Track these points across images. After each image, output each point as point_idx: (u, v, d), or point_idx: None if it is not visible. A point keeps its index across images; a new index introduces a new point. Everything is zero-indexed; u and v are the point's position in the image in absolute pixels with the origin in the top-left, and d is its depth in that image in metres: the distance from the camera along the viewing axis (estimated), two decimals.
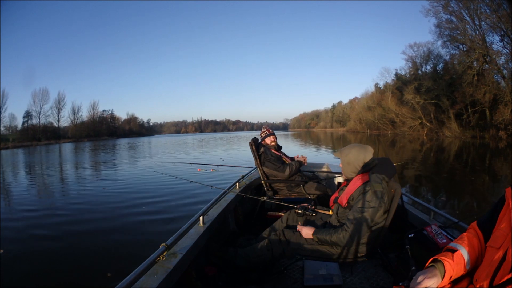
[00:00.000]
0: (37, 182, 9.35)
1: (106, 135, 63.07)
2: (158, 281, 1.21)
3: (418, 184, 7.16)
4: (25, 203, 6.18)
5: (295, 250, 1.72)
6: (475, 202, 5.56)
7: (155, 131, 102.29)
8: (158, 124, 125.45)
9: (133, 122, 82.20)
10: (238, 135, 57.55)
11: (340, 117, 76.79)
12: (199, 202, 5.10)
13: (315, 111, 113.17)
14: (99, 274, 2.85)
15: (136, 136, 72.99)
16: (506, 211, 0.94)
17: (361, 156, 1.77)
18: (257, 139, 3.17)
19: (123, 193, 6.50)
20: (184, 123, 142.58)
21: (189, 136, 77.37)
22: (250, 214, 2.90)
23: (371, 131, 44.70)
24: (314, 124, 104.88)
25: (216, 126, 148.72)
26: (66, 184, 8.50)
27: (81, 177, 9.56)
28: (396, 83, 40.00)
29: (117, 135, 67.68)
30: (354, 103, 64.10)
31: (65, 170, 11.52)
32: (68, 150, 27.03)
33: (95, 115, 64.39)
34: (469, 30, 24.62)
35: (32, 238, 3.92)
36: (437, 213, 1.98)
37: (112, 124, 70.45)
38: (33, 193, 7.42)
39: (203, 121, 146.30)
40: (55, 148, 31.78)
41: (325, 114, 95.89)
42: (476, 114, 25.42)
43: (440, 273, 0.94)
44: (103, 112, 68.04)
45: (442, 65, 31.12)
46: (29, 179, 10.05)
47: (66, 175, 10.37)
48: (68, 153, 22.43)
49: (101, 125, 64.88)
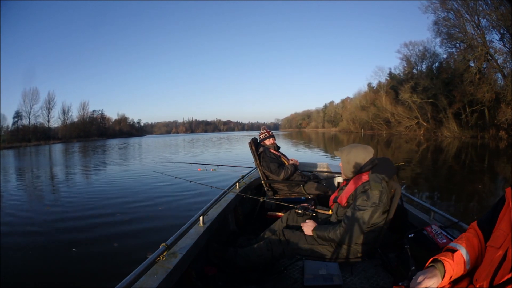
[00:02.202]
0: (37, 182, 9.36)
1: (96, 136, 61.84)
2: (158, 281, 1.21)
3: (418, 184, 7.16)
4: (25, 203, 6.19)
5: (295, 250, 1.72)
6: (475, 202, 5.56)
7: (146, 132, 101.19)
8: (149, 124, 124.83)
9: (123, 122, 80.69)
10: (229, 136, 56.58)
11: (332, 117, 75.84)
12: (199, 202, 5.10)
13: (306, 111, 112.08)
14: (99, 274, 2.85)
15: (126, 136, 71.56)
16: (506, 211, 0.94)
17: (361, 156, 1.77)
18: (256, 139, 3.18)
19: (123, 193, 6.49)
20: (175, 123, 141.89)
21: (180, 136, 76.63)
22: (250, 214, 2.90)
23: (365, 131, 43.93)
24: (306, 124, 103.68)
25: (207, 127, 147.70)
26: (65, 184, 8.49)
27: (80, 178, 9.56)
28: (389, 82, 39.52)
29: (107, 135, 66.47)
30: (346, 103, 63.11)
31: (62, 172, 11.48)
32: (59, 151, 26.39)
33: (85, 115, 63.28)
34: (468, 28, 24.39)
35: (31, 238, 3.91)
36: (437, 213, 1.98)
37: (102, 124, 69.21)
38: (32, 194, 7.42)
39: (194, 121, 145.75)
40: (45, 149, 31.07)
41: (316, 114, 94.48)
42: (475, 114, 25.10)
43: (440, 273, 0.94)
44: (93, 112, 66.95)
45: (438, 64, 30.94)
46: (29, 180, 10.04)
47: (64, 176, 10.36)
48: (61, 155, 21.94)
49: (91, 126, 63.58)
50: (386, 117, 37.80)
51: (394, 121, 35.83)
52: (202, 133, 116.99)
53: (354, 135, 40.93)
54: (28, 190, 7.76)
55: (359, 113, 46.58)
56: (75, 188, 7.55)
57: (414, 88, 31.35)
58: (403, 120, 34.04)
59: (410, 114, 33.03)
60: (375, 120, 40.70)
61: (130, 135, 76.17)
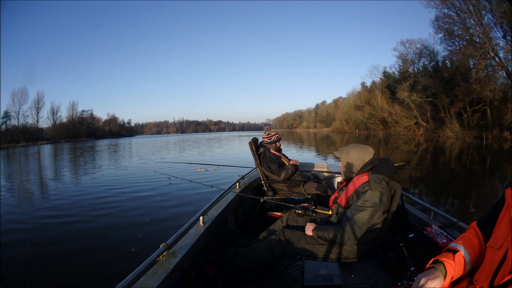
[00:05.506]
0: (36, 183, 9.36)
1: (85, 136, 60.81)
2: (158, 281, 1.21)
3: (418, 184, 7.17)
4: (23, 204, 6.19)
5: (295, 250, 1.72)
6: (475, 202, 5.56)
7: (136, 132, 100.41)
8: (140, 124, 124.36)
9: (113, 122, 79.50)
10: (219, 136, 55.71)
11: (324, 117, 74.60)
12: (199, 202, 5.10)
13: (297, 111, 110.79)
14: (100, 274, 2.86)
15: (116, 137, 70.41)
16: (506, 211, 0.93)
17: (361, 156, 1.77)
18: (257, 139, 3.19)
19: (123, 193, 6.50)
20: (166, 123, 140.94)
21: (170, 136, 75.94)
22: (250, 214, 2.90)
23: (360, 131, 42.54)
24: (297, 124, 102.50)
25: (198, 127, 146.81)
26: (64, 185, 8.50)
27: (79, 179, 9.56)
28: (384, 81, 38.60)
29: (96, 136, 65.44)
30: (339, 103, 61.83)
31: (59, 174, 11.44)
32: (50, 153, 25.61)
33: (74, 115, 62.24)
34: (472, 24, 23.79)
35: (31, 238, 3.92)
36: (437, 213, 1.98)
37: (91, 125, 68.16)
38: (32, 194, 7.42)
39: (184, 121, 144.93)
40: (35, 150, 30.33)
41: (308, 114, 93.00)
42: (477, 114, 24.30)
43: (442, 274, 0.94)
44: (82, 112, 65.89)
45: (434, 62, 30.33)
46: (27, 182, 10.04)
47: (62, 178, 10.36)
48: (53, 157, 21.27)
49: (80, 126, 62.42)
50: (382, 117, 36.63)
51: (392, 121, 34.68)
52: (193, 134, 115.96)
53: (348, 135, 40.11)
54: (28, 190, 7.76)
55: (353, 112, 45.18)
56: (75, 189, 7.57)
57: (412, 86, 30.48)
58: (401, 120, 32.90)
59: (408, 114, 31.90)
60: (371, 120, 39.41)
61: (119, 136, 74.92)
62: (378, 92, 39.39)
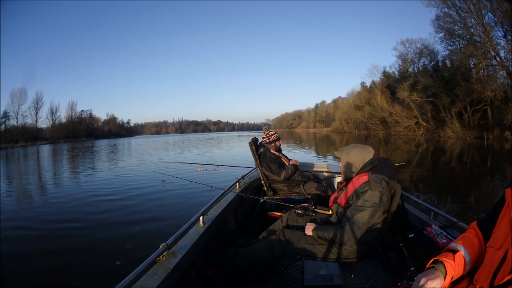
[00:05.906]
0: (35, 184, 9.36)
1: (84, 136, 60.59)
2: (158, 281, 1.21)
3: (418, 184, 7.16)
4: (22, 204, 6.19)
5: (295, 250, 1.72)
6: (475, 202, 5.56)
7: (135, 132, 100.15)
8: (139, 124, 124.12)
9: (112, 122, 79.24)
10: (219, 136, 55.42)
11: (324, 117, 74.19)
12: (199, 202, 5.10)
13: (297, 111, 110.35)
14: (100, 274, 2.85)
15: (115, 137, 70.13)
16: (506, 211, 0.93)
17: (361, 156, 1.77)
18: (257, 139, 3.19)
19: (123, 193, 6.50)
20: (165, 123, 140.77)
21: (169, 137, 75.66)
22: (250, 214, 2.90)
23: (360, 131, 42.35)
24: (296, 124, 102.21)
25: (197, 127, 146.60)
26: (63, 185, 8.50)
27: (79, 179, 9.56)
28: (384, 81, 38.50)
29: (95, 136, 65.15)
30: (339, 103, 61.44)
31: (57, 174, 11.45)
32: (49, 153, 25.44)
33: (73, 115, 61.72)
34: (472, 23, 23.67)
35: (30, 238, 3.92)
36: (437, 213, 1.98)
37: (90, 125, 67.90)
38: (31, 195, 7.43)
39: (184, 121, 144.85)
40: (34, 150, 30.17)
41: (307, 114, 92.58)
42: (478, 113, 24.15)
43: (442, 274, 0.94)
44: (81, 112, 65.60)
45: (435, 62, 30.22)
46: (26, 182, 10.05)
47: (61, 178, 10.36)
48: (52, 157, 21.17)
49: (79, 126, 62.13)
50: (382, 117, 36.50)
51: (392, 121, 34.53)
52: (192, 134, 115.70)
53: (348, 135, 39.96)
54: (28, 191, 7.77)
55: (353, 112, 44.94)
56: (74, 189, 7.56)
57: (413, 86, 30.40)
58: (402, 119, 32.75)
59: (408, 114, 31.77)
60: (371, 119, 39.25)
61: (119, 136, 74.63)
62: (378, 92, 39.29)
